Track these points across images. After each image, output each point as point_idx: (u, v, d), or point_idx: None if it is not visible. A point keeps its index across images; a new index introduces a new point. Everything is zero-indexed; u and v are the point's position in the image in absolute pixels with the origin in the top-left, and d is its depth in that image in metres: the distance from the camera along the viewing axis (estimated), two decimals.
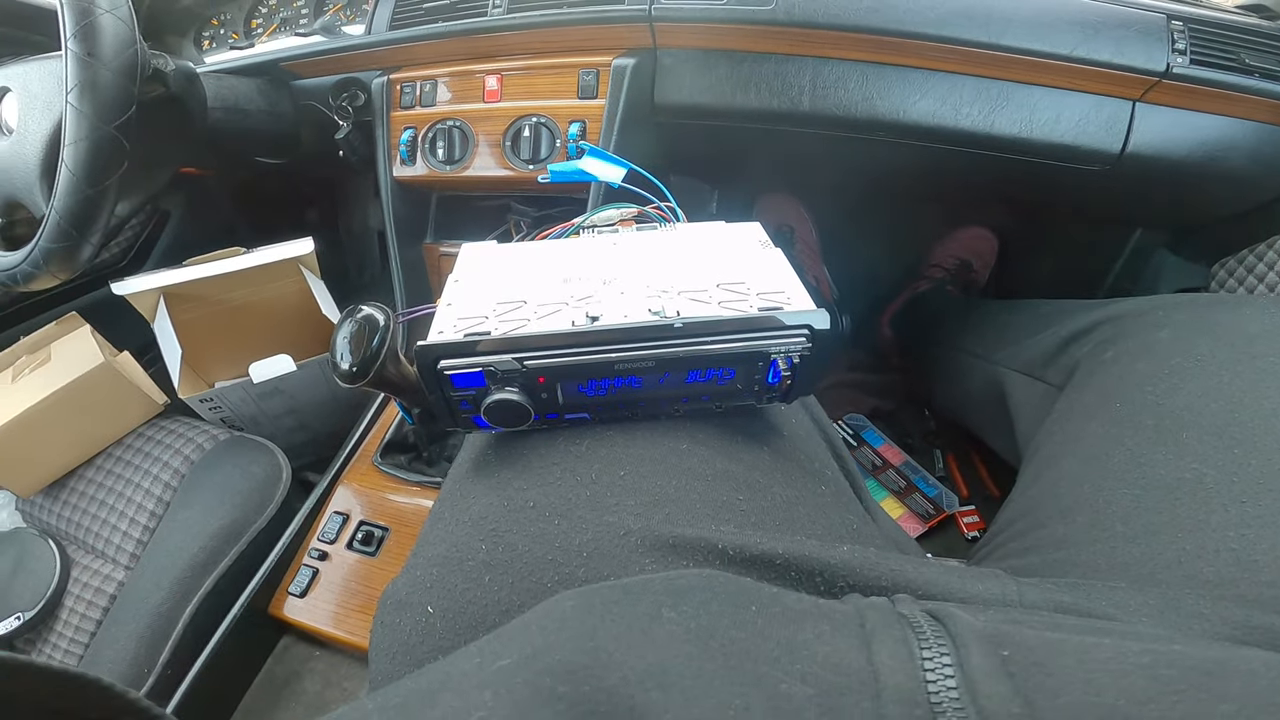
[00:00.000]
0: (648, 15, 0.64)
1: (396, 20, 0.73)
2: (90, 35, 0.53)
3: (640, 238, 0.40)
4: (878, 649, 0.21)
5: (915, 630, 0.21)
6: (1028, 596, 0.30)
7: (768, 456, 0.34)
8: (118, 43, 0.54)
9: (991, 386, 0.61)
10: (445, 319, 0.31)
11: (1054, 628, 0.23)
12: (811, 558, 0.28)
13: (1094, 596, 0.30)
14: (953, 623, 0.22)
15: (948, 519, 0.84)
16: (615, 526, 0.28)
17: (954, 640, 0.21)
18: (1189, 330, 0.42)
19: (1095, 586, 0.31)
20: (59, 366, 0.71)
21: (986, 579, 0.31)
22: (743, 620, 0.22)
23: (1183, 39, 0.57)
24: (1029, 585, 0.31)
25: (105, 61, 0.53)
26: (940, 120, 0.64)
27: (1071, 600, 0.29)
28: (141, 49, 0.57)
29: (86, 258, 0.59)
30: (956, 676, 0.20)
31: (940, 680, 0.19)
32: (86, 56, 0.53)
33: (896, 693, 0.19)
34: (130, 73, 0.55)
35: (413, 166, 0.74)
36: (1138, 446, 0.38)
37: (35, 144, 0.60)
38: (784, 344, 0.29)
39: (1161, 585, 0.30)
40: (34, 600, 0.62)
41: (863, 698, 0.19)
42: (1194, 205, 0.72)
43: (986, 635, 0.21)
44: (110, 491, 0.68)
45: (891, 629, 0.22)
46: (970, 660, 0.20)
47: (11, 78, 0.62)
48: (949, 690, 0.19)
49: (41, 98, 0.60)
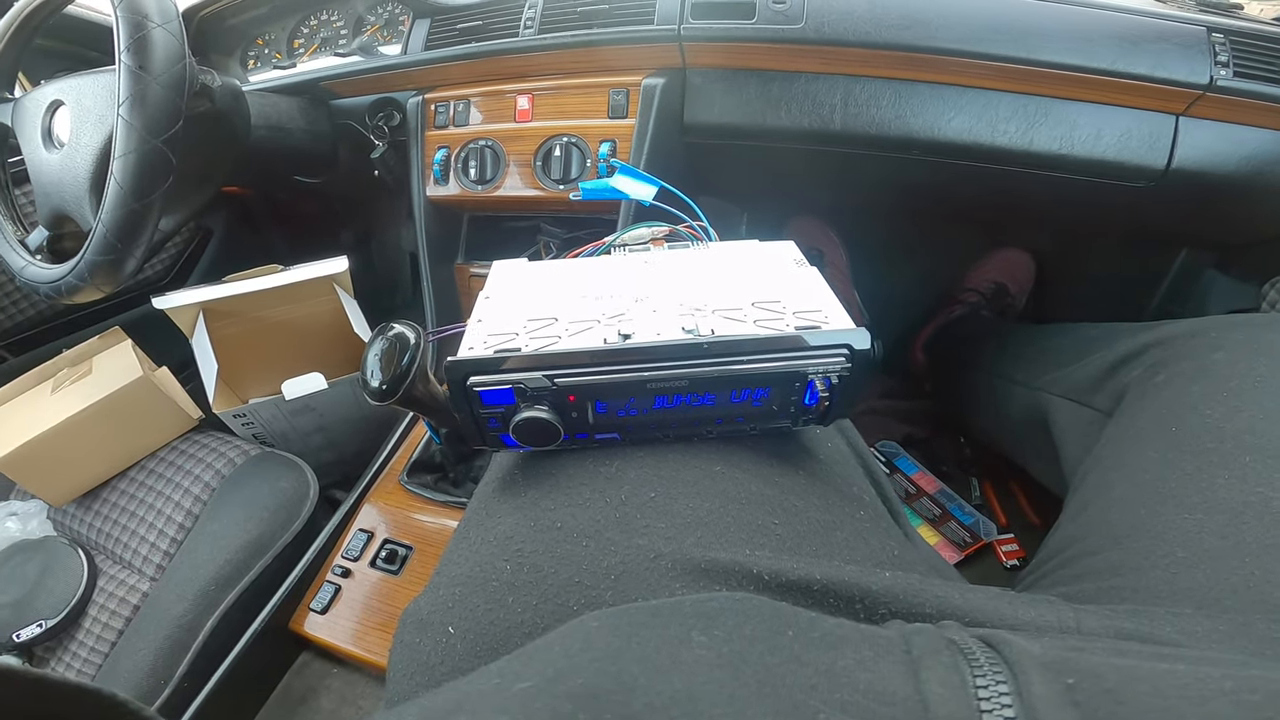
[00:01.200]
0: (677, 35, 0.65)
1: (432, 41, 0.75)
2: (143, 49, 0.54)
3: (673, 256, 0.39)
4: (926, 676, 0.19)
5: (967, 657, 0.20)
6: (1086, 623, 0.28)
7: (803, 480, 0.33)
8: (168, 57, 0.55)
9: (1033, 413, 0.60)
10: (476, 335, 0.31)
11: (1119, 654, 0.22)
12: (851, 583, 0.27)
13: (1158, 622, 0.28)
14: (1008, 649, 0.20)
15: (985, 547, 0.81)
16: (645, 549, 0.27)
17: (1011, 667, 0.19)
18: (1245, 351, 0.41)
19: (1158, 613, 0.29)
20: (99, 379, 0.73)
21: (1039, 605, 0.29)
22: (778, 645, 0.20)
23: (1225, 51, 0.56)
24: (1087, 612, 0.29)
25: (155, 75, 0.54)
26: (976, 137, 0.63)
27: (1134, 627, 0.28)
28: (190, 64, 0.59)
29: (130, 271, 0.60)
30: (1015, 706, 0.18)
31: (998, 710, 0.18)
32: (139, 70, 0.54)
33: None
34: (179, 87, 0.56)
35: (446, 186, 0.75)
36: (1197, 470, 0.36)
37: (86, 158, 0.61)
38: (822, 364, 0.28)
39: (1230, 611, 0.29)
40: (58, 608, 0.63)
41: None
42: (1243, 222, 0.70)
43: (1047, 662, 0.20)
44: (141, 503, 0.69)
45: (940, 655, 0.20)
46: (1031, 688, 0.19)
47: (66, 91, 0.64)
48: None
49: (94, 111, 0.62)
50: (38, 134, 0.65)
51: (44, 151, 0.64)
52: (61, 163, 0.63)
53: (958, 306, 0.99)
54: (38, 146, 0.65)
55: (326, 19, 0.87)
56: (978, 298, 0.99)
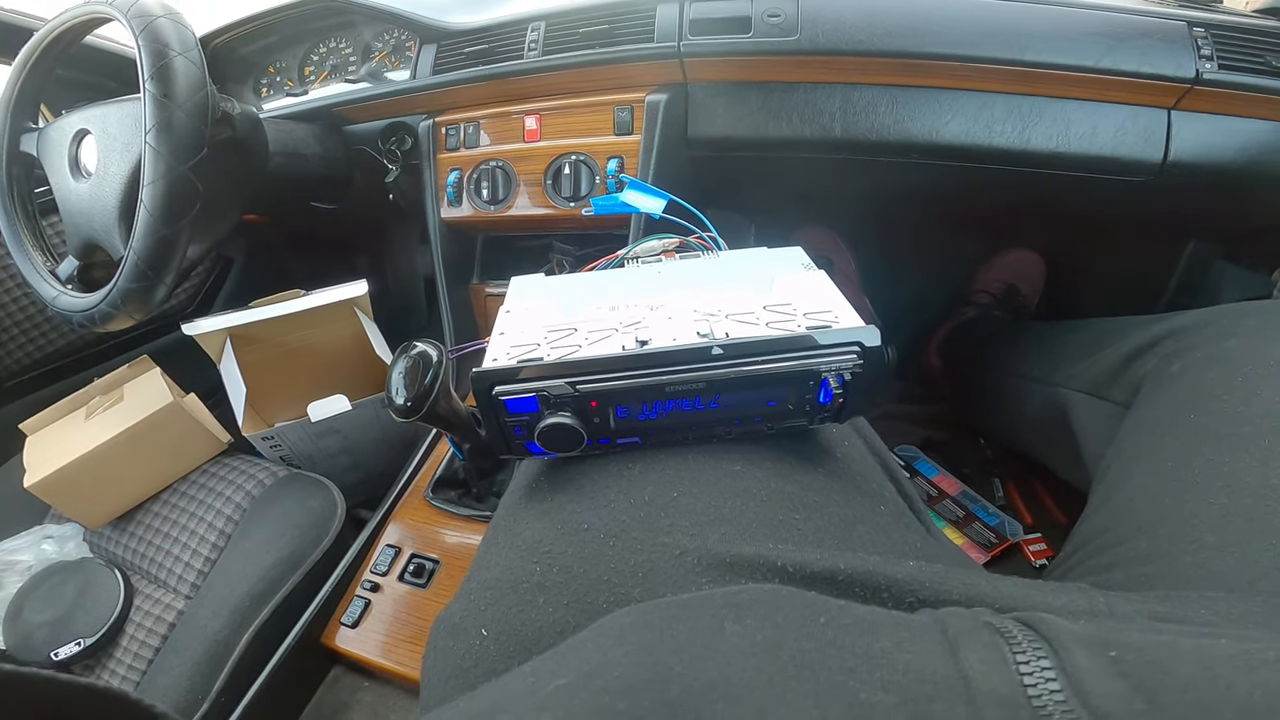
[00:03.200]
0: (677, 52, 0.67)
1: (439, 65, 0.77)
2: (166, 76, 0.55)
3: (684, 265, 0.40)
4: (966, 654, 0.20)
5: (1005, 636, 0.20)
6: (1118, 608, 0.28)
7: (822, 477, 0.34)
8: (190, 84, 0.57)
9: (1051, 409, 0.60)
10: (499, 347, 0.32)
11: (1158, 633, 0.22)
12: (876, 573, 0.27)
13: (1191, 606, 0.28)
14: (1046, 627, 0.21)
15: (1012, 548, 0.80)
16: (670, 547, 0.28)
17: (1050, 643, 0.20)
18: (1259, 336, 0.41)
19: (1190, 597, 0.29)
20: (131, 406, 0.76)
21: (1070, 592, 0.29)
22: (812, 632, 0.21)
23: (1208, 45, 0.57)
24: (1118, 597, 0.29)
25: (179, 102, 0.56)
26: (974, 139, 0.64)
27: (1167, 610, 0.28)
28: (211, 91, 0.60)
29: (161, 298, 0.62)
30: (1060, 679, 0.18)
31: (1042, 684, 0.18)
32: (163, 97, 0.55)
33: (993, 697, 0.18)
34: (202, 114, 0.58)
35: (459, 207, 0.77)
36: (1219, 456, 0.36)
37: (114, 186, 0.62)
38: (835, 362, 0.29)
39: (1264, 593, 0.29)
40: (95, 627, 0.64)
41: (955, 703, 0.18)
42: (1245, 211, 0.71)
43: (1087, 638, 0.20)
44: (174, 525, 0.71)
45: (979, 634, 0.21)
46: (1074, 661, 0.19)
47: (91, 120, 0.65)
48: (1053, 693, 0.18)
49: (120, 139, 0.62)
50: (65, 163, 0.66)
51: (72, 181, 0.66)
52: (90, 192, 0.64)
53: (970, 309, 1.00)
54: (65, 176, 0.66)
55: (335, 46, 0.90)
56: (989, 299, 0.99)
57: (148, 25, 0.56)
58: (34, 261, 0.69)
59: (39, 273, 0.68)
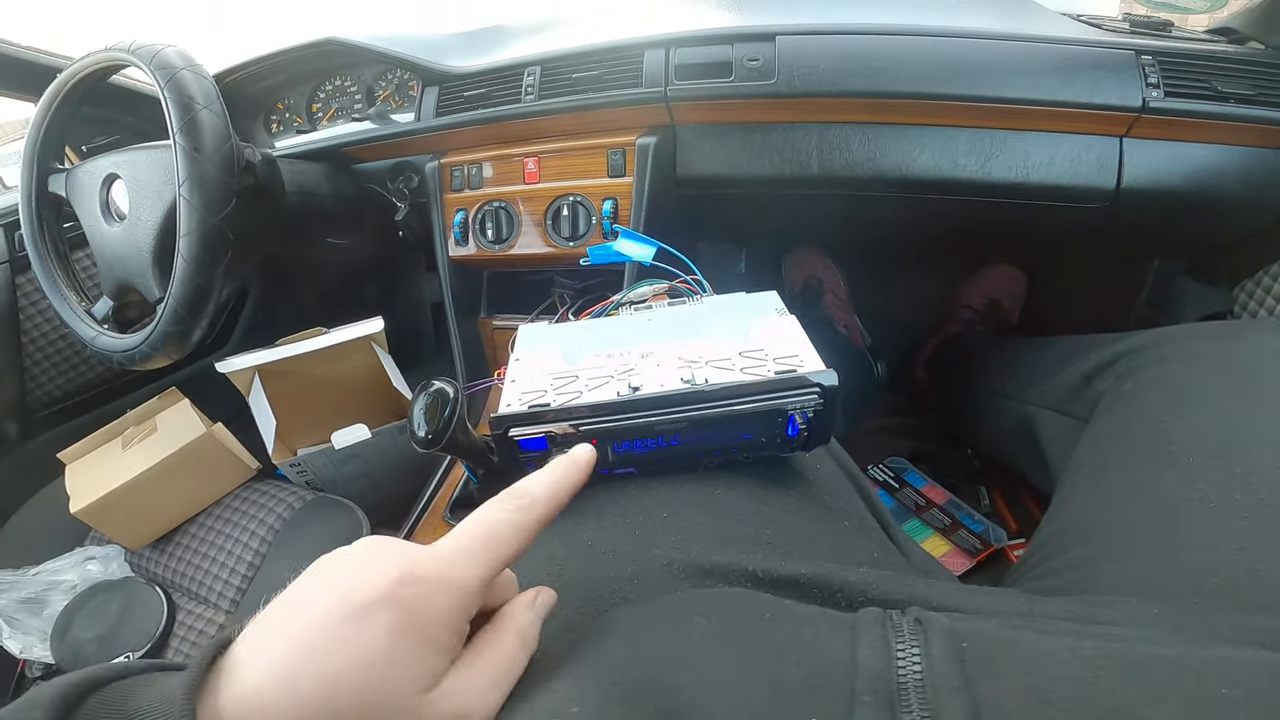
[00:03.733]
0: (664, 96, 0.70)
1: (442, 107, 0.80)
2: (195, 130, 0.58)
3: (671, 313, 0.45)
4: (860, 644, 0.25)
5: (895, 630, 0.26)
6: (1039, 609, 0.32)
7: (792, 498, 0.38)
8: (216, 137, 0.59)
9: (1023, 424, 0.64)
10: (511, 393, 0.37)
11: (1042, 632, 0.27)
12: (831, 576, 0.32)
13: (1105, 609, 0.32)
14: (929, 624, 0.26)
15: (997, 553, 0.84)
16: (660, 558, 0.33)
17: (926, 637, 0.25)
18: (1195, 361, 0.45)
19: (1106, 600, 0.33)
20: (165, 436, 0.81)
21: (998, 594, 0.34)
22: (757, 625, 0.27)
23: (1154, 73, 0.59)
24: (1043, 600, 0.33)
25: (208, 155, 0.58)
26: (941, 172, 0.67)
27: (1080, 612, 0.32)
28: (235, 143, 0.62)
29: (196, 340, 0.65)
30: (922, 662, 0.24)
31: (908, 666, 0.24)
32: (194, 151, 0.58)
33: (868, 673, 0.24)
34: (229, 166, 0.60)
35: (466, 247, 0.80)
36: (1152, 472, 0.40)
37: (148, 232, 0.64)
38: (799, 402, 0.34)
39: (1170, 597, 0.33)
40: (142, 642, 0.69)
41: (841, 678, 0.24)
42: (1199, 232, 0.73)
43: (953, 632, 0.25)
44: (212, 545, 0.76)
45: (874, 629, 0.26)
46: (932, 650, 0.24)
47: (121, 165, 0.67)
48: (915, 673, 0.24)
49: (151, 187, 0.64)
50: (96, 206, 0.68)
51: (104, 224, 0.68)
52: (124, 236, 0.66)
53: (955, 324, 1.04)
54: (98, 219, 0.68)
55: (341, 85, 0.93)
56: (973, 314, 1.03)
57: (172, 78, 0.59)
58: (69, 302, 0.72)
59: (75, 313, 0.72)
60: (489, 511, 0.26)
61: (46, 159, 0.72)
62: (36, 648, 0.70)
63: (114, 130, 0.90)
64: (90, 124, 0.90)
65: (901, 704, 0.23)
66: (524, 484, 0.28)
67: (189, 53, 0.63)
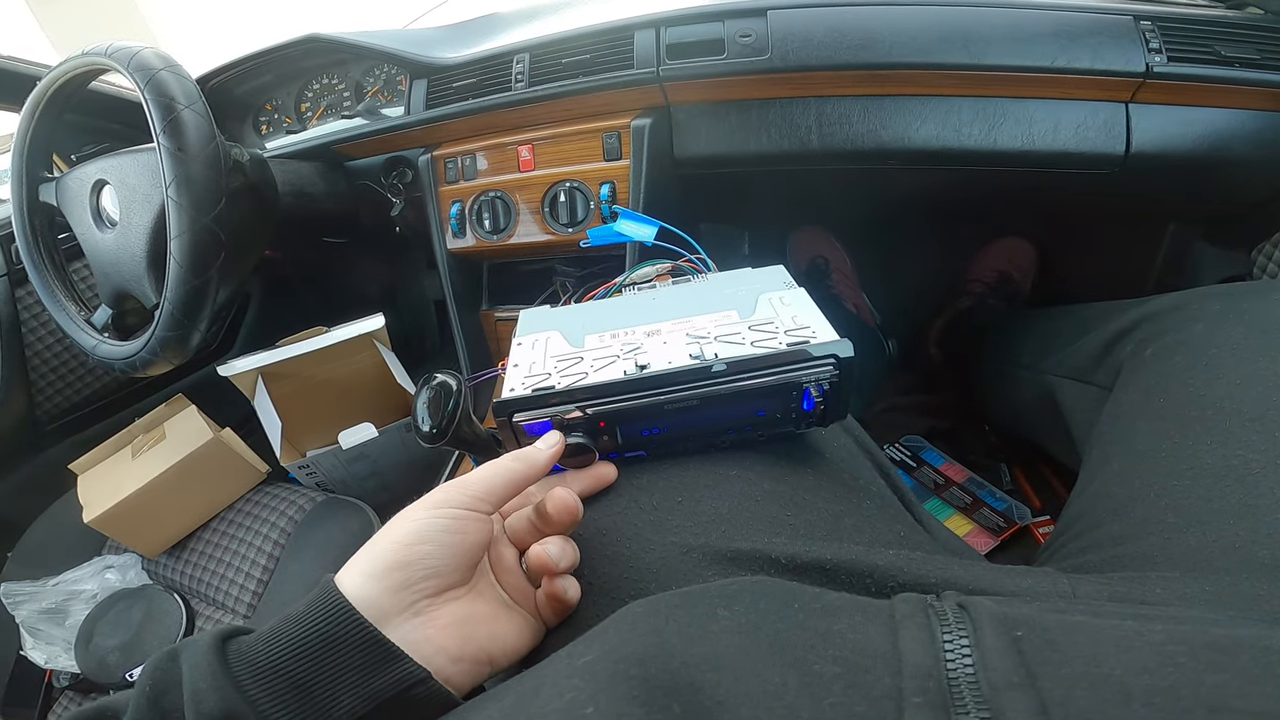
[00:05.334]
0: (656, 76, 0.69)
1: (431, 99, 0.79)
2: (178, 131, 0.57)
3: (676, 290, 0.44)
4: (903, 635, 0.23)
5: (940, 618, 0.24)
6: (1081, 589, 0.31)
7: (811, 477, 0.37)
8: (201, 136, 0.58)
9: (1043, 395, 0.62)
10: (514, 377, 0.36)
11: (1095, 614, 0.25)
12: (859, 561, 0.31)
13: (1149, 586, 0.30)
14: (975, 609, 0.24)
15: (1021, 531, 0.82)
16: (678, 545, 0.32)
17: (974, 625, 0.23)
18: (1222, 321, 0.43)
19: (1151, 577, 0.31)
20: (174, 443, 0.81)
21: (1036, 575, 0.32)
22: (786, 615, 0.25)
23: (1155, 38, 0.59)
24: (1084, 580, 0.32)
25: (193, 155, 0.57)
26: (944, 143, 0.66)
27: (1125, 591, 0.30)
28: (221, 142, 0.61)
29: (196, 344, 0.64)
30: (973, 655, 0.22)
31: (958, 659, 0.22)
32: (178, 151, 0.57)
33: (916, 669, 0.22)
34: (216, 165, 0.59)
35: (464, 238, 0.80)
36: (1183, 438, 0.38)
37: (140, 237, 0.64)
38: (814, 374, 0.33)
39: (1218, 572, 0.31)
40: (164, 648, 0.69)
41: (884, 675, 0.22)
42: (1213, 196, 0.72)
43: (1004, 619, 0.23)
44: (226, 550, 0.76)
45: (917, 617, 0.24)
46: (984, 640, 0.22)
47: (108, 171, 0.66)
48: (965, 667, 0.22)
49: (140, 190, 0.63)
50: (87, 214, 0.68)
51: (97, 231, 0.67)
52: (117, 242, 0.65)
53: (965, 299, 1.02)
54: (90, 227, 0.68)
55: (329, 83, 0.91)
56: (983, 288, 1.01)
57: (151, 79, 0.58)
58: (69, 312, 0.72)
59: (75, 323, 0.71)
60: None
61: (35, 169, 0.71)
62: (61, 657, 0.71)
63: (103, 138, 0.89)
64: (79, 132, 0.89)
65: (956, 703, 0.20)
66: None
67: (168, 54, 0.62)
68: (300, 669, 0.26)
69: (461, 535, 0.30)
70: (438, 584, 0.29)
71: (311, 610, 0.27)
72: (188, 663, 0.27)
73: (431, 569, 0.29)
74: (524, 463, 0.32)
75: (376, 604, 0.28)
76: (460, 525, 0.30)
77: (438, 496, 0.30)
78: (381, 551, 0.29)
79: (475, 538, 0.30)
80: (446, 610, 0.30)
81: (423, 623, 0.29)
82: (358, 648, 0.27)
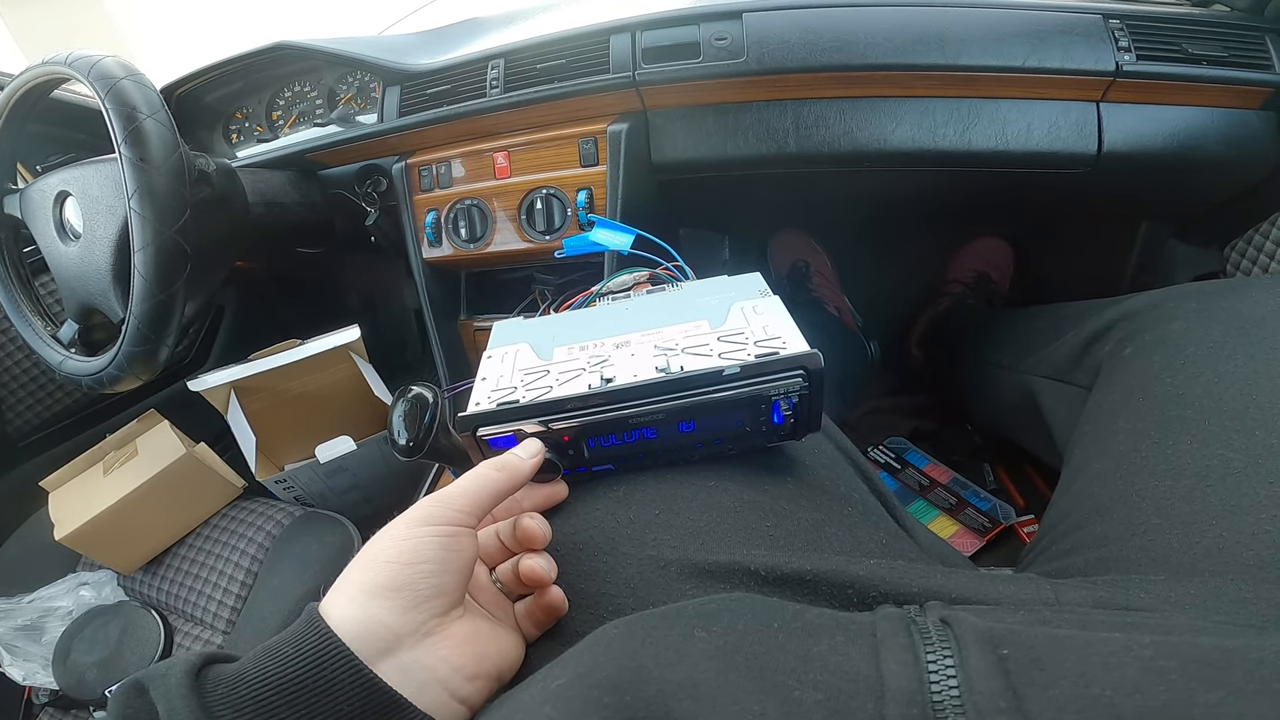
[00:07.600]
0: (632, 81, 0.68)
1: (405, 106, 0.78)
2: (140, 140, 0.56)
3: (649, 300, 0.43)
4: (885, 656, 0.23)
5: (923, 637, 0.23)
6: (1064, 595, 0.30)
7: (791, 485, 0.36)
8: (164, 146, 0.57)
9: (1023, 396, 0.62)
10: (481, 391, 0.35)
11: (1082, 625, 0.25)
12: (840, 572, 0.30)
13: (1134, 591, 0.30)
14: (959, 626, 0.23)
15: (1007, 531, 0.82)
16: (655, 559, 0.31)
17: (958, 643, 0.23)
18: (1199, 319, 0.43)
19: (1134, 581, 0.31)
20: (146, 459, 0.79)
21: (1020, 582, 0.32)
22: (765, 636, 0.24)
23: (1124, 37, 0.59)
24: (1067, 585, 0.31)
25: (156, 165, 0.56)
26: (919, 144, 0.66)
27: (1109, 596, 0.30)
28: (185, 152, 0.60)
29: (164, 358, 0.63)
30: (958, 676, 0.21)
31: (942, 681, 0.21)
32: (140, 161, 0.56)
33: (899, 695, 0.21)
34: (180, 175, 0.58)
35: (440, 247, 0.78)
36: (1164, 438, 0.38)
37: (104, 250, 0.62)
38: (782, 385, 0.32)
39: (1203, 574, 0.31)
40: (142, 665, 0.68)
41: (867, 700, 0.21)
42: (1185, 193, 0.73)
43: (988, 636, 0.23)
44: (203, 566, 0.75)
45: (899, 637, 0.24)
46: (969, 661, 0.22)
47: (70, 182, 0.64)
48: (950, 690, 0.21)
49: (103, 202, 0.62)
50: (51, 226, 0.66)
51: (60, 244, 0.66)
52: (80, 255, 0.64)
53: (944, 300, 1.02)
54: (54, 240, 0.66)
55: (300, 90, 0.90)
56: (962, 288, 1.02)
57: (112, 88, 0.57)
58: (35, 327, 0.70)
59: (41, 338, 0.70)
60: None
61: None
62: (39, 674, 0.70)
63: (69, 148, 0.87)
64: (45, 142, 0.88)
65: None
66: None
67: (129, 62, 0.60)
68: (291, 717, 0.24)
69: (458, 552, 0.29)
70: (444, 602, 0.28)
71: (300, 648, 0.25)
72: (162, 703, 0.24)
73: (436, 587, 0.28)
74: (506, 472, 0.31)
75: (386, 626, 0.26)
76: (455, 542, 0.29)
77: (424, 512, 0.29)
78: (379, 572, 0.27)
79: (470, 553, 0.29)
80: (455, 628, 0.29)
81: (436, 643, 0.27)
82: (355, 695, 0.25)
